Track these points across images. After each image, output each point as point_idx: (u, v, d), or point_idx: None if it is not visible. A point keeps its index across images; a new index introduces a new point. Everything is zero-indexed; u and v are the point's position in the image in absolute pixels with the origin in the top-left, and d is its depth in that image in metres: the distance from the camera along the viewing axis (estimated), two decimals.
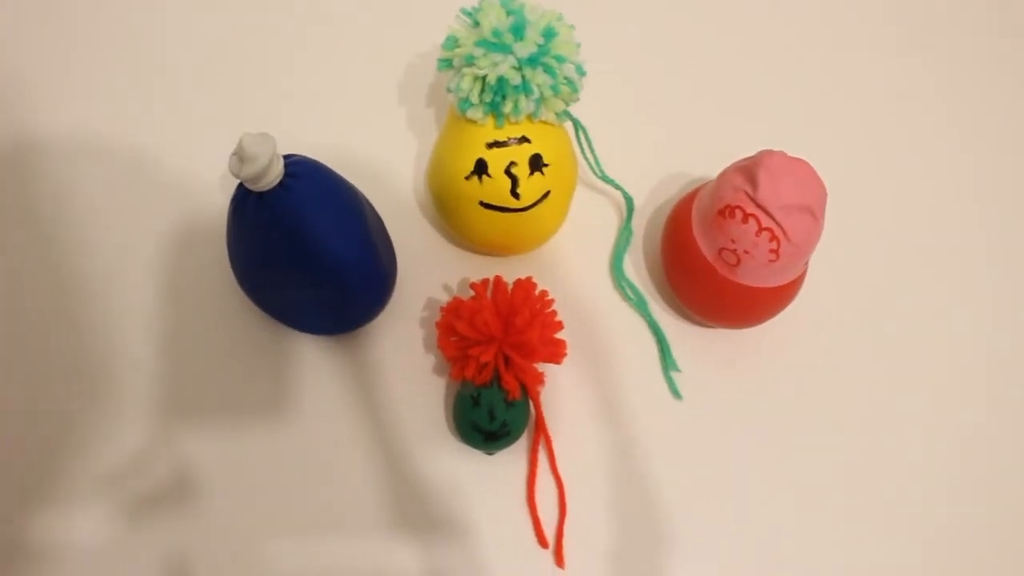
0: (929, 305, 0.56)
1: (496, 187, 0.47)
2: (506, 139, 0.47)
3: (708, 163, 0.54)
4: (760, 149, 0.46)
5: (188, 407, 0.51)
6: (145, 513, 0.48)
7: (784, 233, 0.44)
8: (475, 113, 0.46)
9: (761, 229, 0.45)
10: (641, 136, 0.59)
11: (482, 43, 0.44)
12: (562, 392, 0.52)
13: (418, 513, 0.49)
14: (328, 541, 0.48)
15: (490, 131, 0.47)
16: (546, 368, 0.49)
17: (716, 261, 0.48)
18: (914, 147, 0.62)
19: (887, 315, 0.56)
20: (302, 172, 0.42)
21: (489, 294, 0.49)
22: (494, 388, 0.47)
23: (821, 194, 0.45)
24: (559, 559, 0.48)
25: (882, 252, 0.58)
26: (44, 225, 0.55)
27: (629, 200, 0.56)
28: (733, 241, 0.46)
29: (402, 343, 0.53)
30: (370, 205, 0.49)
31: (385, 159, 0.58)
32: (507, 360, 0.47)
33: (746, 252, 0.46)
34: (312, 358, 0.52)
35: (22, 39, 0.61)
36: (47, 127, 0.58)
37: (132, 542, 0.48)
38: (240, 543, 0.48)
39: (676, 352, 0.53)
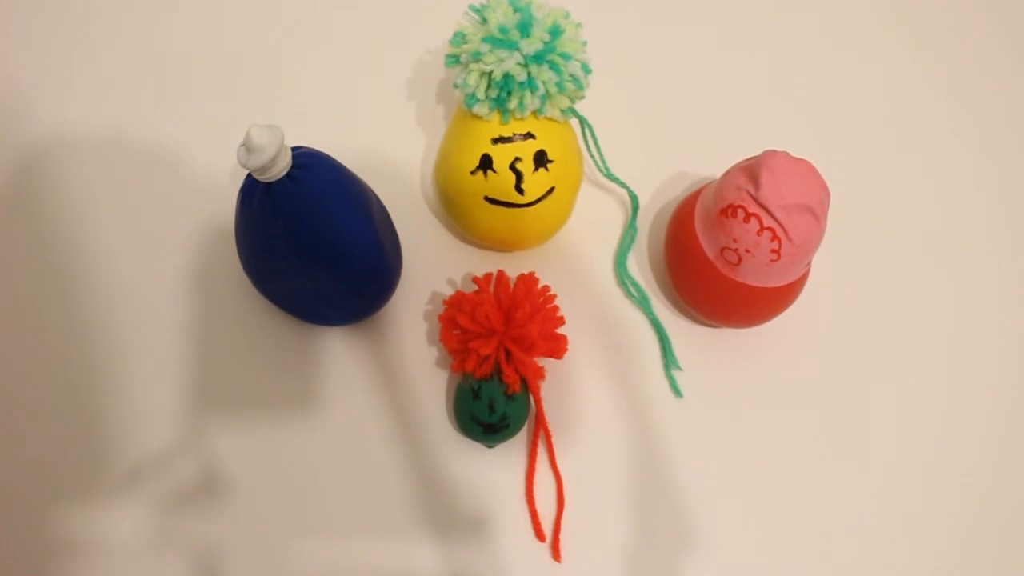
0: (932, 305, 0.56)
1: (501, 182, 0.47)
2: (511, 135, 0.47)
3: (713, 163, 0.54)
4: (764, 149, 0.46)
5: (199, 402, 0.52)
6: (173, 510, 0.49)
7: (785, 233, 0.44)
8: (481, 109, 0.47)
9: (763, 229, 0.45)
10: (647, 135, 0.60)
11: (488, 39, 0.45)
12: (563, 387, 0.52)
13: (416, 504, 0.50)
14: (327, 529, 0.49)
15: (495, 127, 0.47)
16: (548, 363, 0.50)
17: (718, 260, 0.48)
18: (917, 148, 0.62)
19: (889, 316, 0.56)
20: (309, 164, 0.43)
21: (491, 288, 0.49)
22: (495, 381, 0.47)
23: (823, 194, 0.45)
24: (556, 553, 0.49)
25: (885, 253, 0.58)
26: (65, 225, 0.56)
27: (634, 198, 0.56)
28: (735, 240, 0.46)
29: (406, 336, 0.53)
30: (377, 198, 0.49)
31: (393, 153, 0.58)
32: (508, 354, 0.47)
33: (747, 251, 0.46)
34: (315, 349, 0.53)
35: (33, 38, 0.62)
36: (68, 127, 0.59)
37: (161, 538, 0.49)
38: (248, 530, 0.49)
39: (678, 351, 0.53)
